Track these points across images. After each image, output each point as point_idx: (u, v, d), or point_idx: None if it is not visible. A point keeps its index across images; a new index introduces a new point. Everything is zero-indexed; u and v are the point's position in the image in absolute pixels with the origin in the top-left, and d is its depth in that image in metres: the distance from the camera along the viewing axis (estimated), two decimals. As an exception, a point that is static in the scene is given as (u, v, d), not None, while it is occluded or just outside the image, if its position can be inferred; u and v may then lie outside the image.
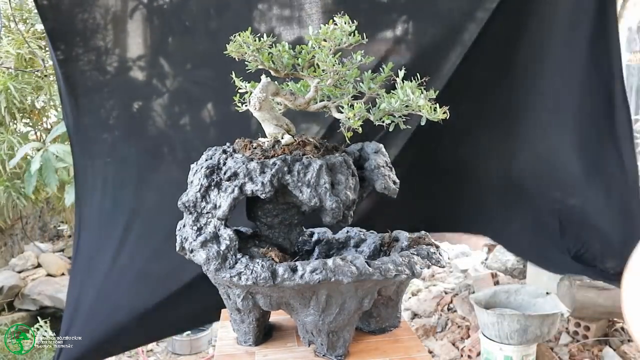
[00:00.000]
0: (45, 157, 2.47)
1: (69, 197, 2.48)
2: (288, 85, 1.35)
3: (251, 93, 1.29)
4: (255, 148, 1.26)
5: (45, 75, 2.85)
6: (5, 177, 2.73)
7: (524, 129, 2.19)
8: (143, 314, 1.98)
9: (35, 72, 2.82)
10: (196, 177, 1.24)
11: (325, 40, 1.20)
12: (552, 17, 2.05)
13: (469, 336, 2.72)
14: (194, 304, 2.01)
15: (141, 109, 2.03)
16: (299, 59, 1.24)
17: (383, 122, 1.22)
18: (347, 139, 1.35)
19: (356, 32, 1.20)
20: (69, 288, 2.01)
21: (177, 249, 1.25)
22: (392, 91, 1.22)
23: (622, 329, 2.63)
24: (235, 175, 1.19)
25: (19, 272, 3.80)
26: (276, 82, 1.29)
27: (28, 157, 2.64)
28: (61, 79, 1.90)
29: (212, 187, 1.21)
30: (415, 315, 3.16)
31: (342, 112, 1.22)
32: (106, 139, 2.00)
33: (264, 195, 1.16)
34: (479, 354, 2.39)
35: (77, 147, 1.96)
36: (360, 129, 1.22)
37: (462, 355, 2.60)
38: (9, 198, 2.73)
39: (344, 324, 1.23)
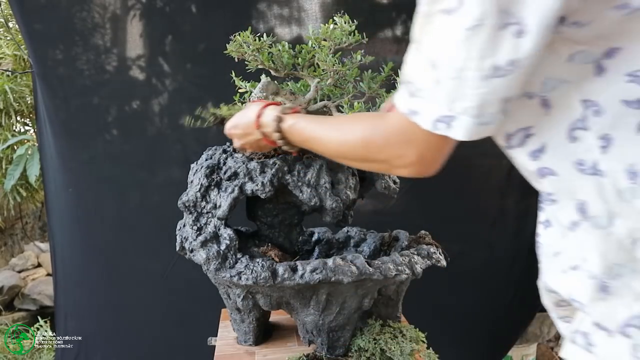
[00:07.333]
0: (33, 149, 2.48)
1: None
2: (288, 85, 1.34)
3: (251, 93, 1.28)
4: (255, 148, 1.26)
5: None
6: (0, 174, 2.73)
7: None
8: None
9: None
10: (196, 176, 1.24)
11: (325, 40, 1.20)
12: None
13: None
14: None
15: (140, 108, 2.04)
16: (299, 59, 1.24)
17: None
18: None
19: (356, 31, 1.20)
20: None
21: (177, 248, 1.24)
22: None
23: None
24: (235, 174, 1.19)
25: (19, 271, 3.80)
26: (276, 82, 1.29)
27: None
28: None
29: (212, 187, 1.21)
30: None
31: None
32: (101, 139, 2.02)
33: (264, 195, 1.16)
34: None
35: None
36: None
37: None
38: (5, 196, 2.74)
39: (344, 323, 1.23)
